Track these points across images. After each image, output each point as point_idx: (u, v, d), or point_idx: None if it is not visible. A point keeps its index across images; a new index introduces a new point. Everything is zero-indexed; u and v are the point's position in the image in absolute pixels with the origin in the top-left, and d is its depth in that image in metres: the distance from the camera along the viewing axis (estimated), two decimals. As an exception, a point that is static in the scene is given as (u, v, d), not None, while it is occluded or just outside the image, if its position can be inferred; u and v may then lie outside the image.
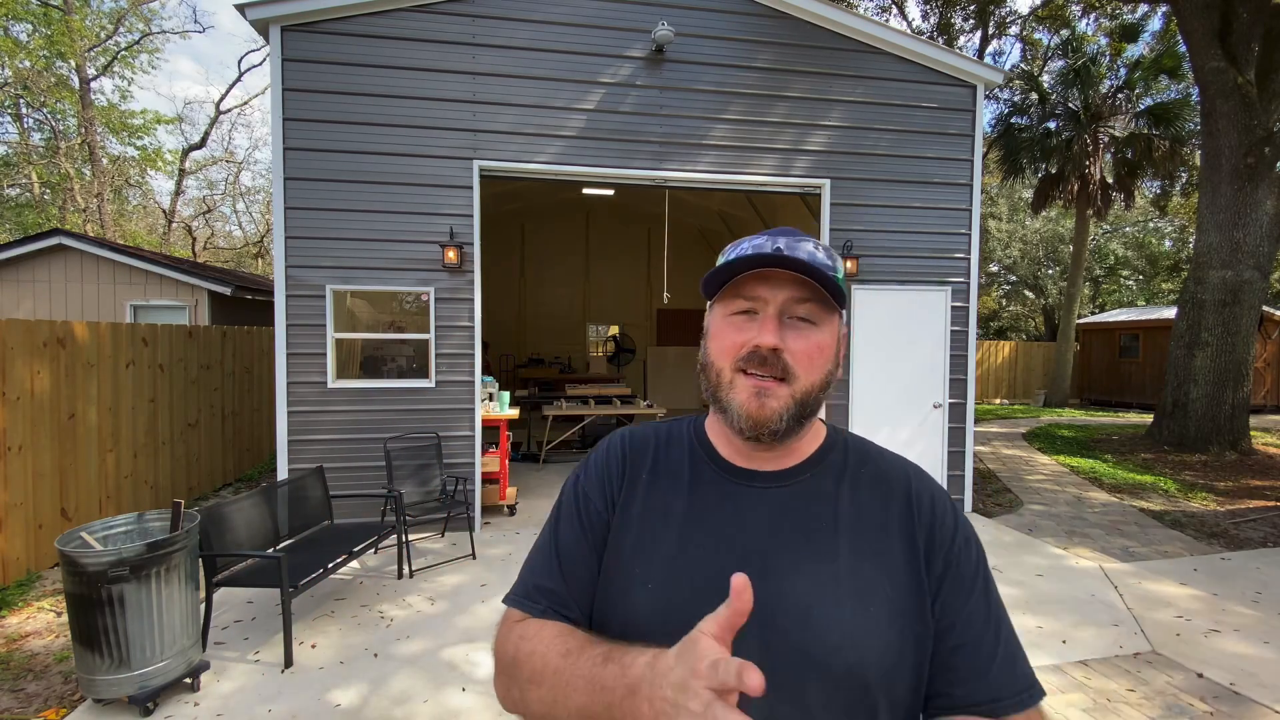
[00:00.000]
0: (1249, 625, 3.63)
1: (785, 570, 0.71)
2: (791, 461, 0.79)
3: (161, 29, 20.68)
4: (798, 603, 0.69)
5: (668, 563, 0.74)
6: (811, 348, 0.73)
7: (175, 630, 2.76)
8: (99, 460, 4.95)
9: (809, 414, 0.75)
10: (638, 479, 0.81)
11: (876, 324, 5.86)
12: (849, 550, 0.72)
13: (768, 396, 0.71)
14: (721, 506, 0.76)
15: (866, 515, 0.75)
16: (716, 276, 0.74)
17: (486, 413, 5.63)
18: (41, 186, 18.09)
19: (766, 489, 0.77)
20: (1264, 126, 8.43)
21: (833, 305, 0.74)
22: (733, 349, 0.73)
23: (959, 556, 0.74)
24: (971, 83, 5.93)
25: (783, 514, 0.75)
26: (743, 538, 0.73)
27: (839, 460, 0.80)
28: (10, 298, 8.38)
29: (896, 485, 0.78)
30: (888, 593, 0.70)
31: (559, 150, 5.35)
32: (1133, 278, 25.60)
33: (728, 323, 0.75)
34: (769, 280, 0.72)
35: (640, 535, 0.76)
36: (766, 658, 0.64)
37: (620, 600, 0.74)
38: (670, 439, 0.85)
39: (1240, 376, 8.67)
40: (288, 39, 4.96)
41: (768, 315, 0.72)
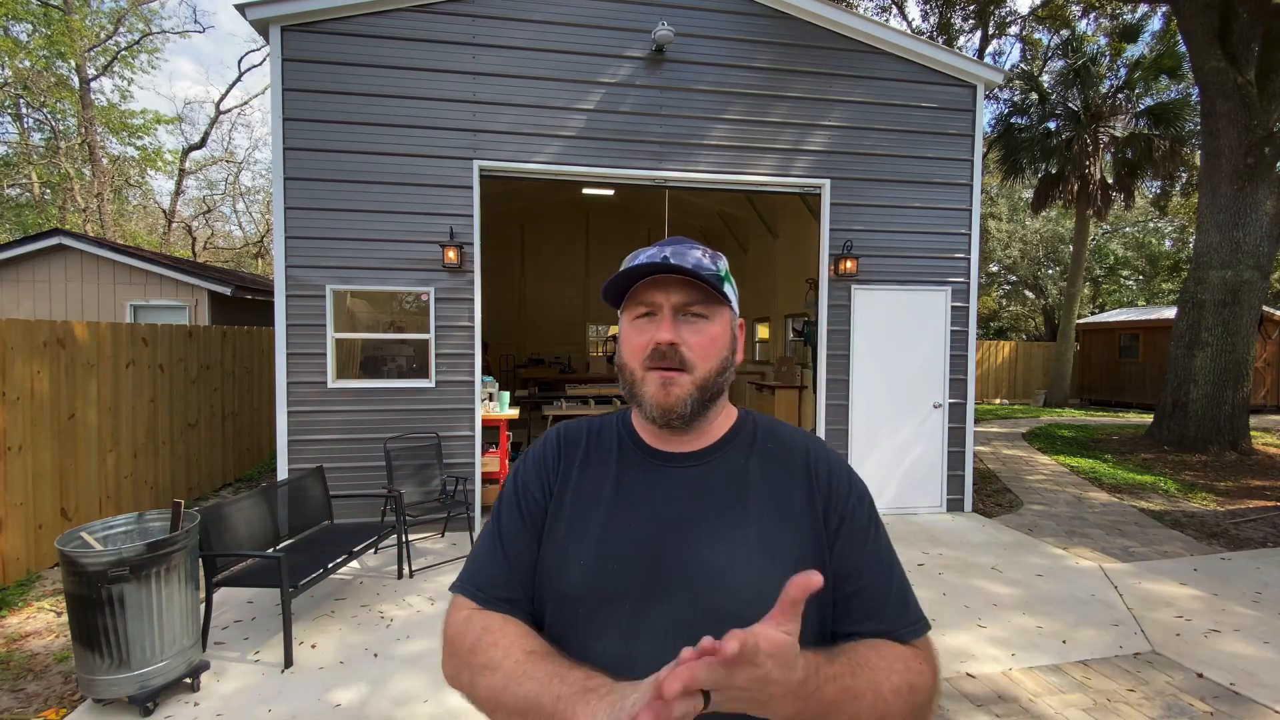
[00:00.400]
0: (1249, 625, 3.63)
1: (704, 538, 0.80)
2: (706, 442, 0.88)
3: (161, 29, 20.69)
4: (716, 565, 0.78)
5: (598, 541, 0.82)
6: (705, 340, 0.83)
7: (175, 630, 2.76)
8: (99, 460, 4.95)
9: (711, 397, 0.84)
10: (571, 468, 0.89)
11: (876, 324, 5.86)
12: (758, 515, 0.82)
13: (672, 385, 0.81)
14: (645, 486, 0.85)
15: (772, 483, 0.85)
16: (615, 285, 0.83)
17: (486, 413, 5.63)
18: (41, 186, 18.09)
19: (685, 468, 0.86)
20: (1264, 126, 8.43)
21: (720, 300, 0.84)
22: (639, 349, 0.83)
23: (852, 512, 0.85)
24: (971, 83, 5.93)
25: (699, 489, 0.84)
26: (664, 512, 0.82)
27: (748, 438, 0.90)
28: (10, 298, 8.38)
29: (797, 455, 0.88)
30: (793, 549, 0.80)
31: (559, 150, 5.35)
32: (1133, 278, 25.60)
33: (632, 327, 0.85)
34: (662, 285, 0.82)
35: (574, 518, 0.85)
36: (692, 615, 0.76)
37: (557, 576, 0.82)
38: (601, 430, 0.94)
39: (1240, 376, 8.67)
40: (288, 39, 4.96)
41: (664, 315, 0.82)
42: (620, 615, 0.78)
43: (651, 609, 0.77)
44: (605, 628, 0.78)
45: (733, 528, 0.80)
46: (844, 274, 5.73)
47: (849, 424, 5.85)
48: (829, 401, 5.84)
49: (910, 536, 5.26)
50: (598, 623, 0.78)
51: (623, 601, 0.78)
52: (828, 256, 5.77)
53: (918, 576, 4.33)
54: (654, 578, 0.78)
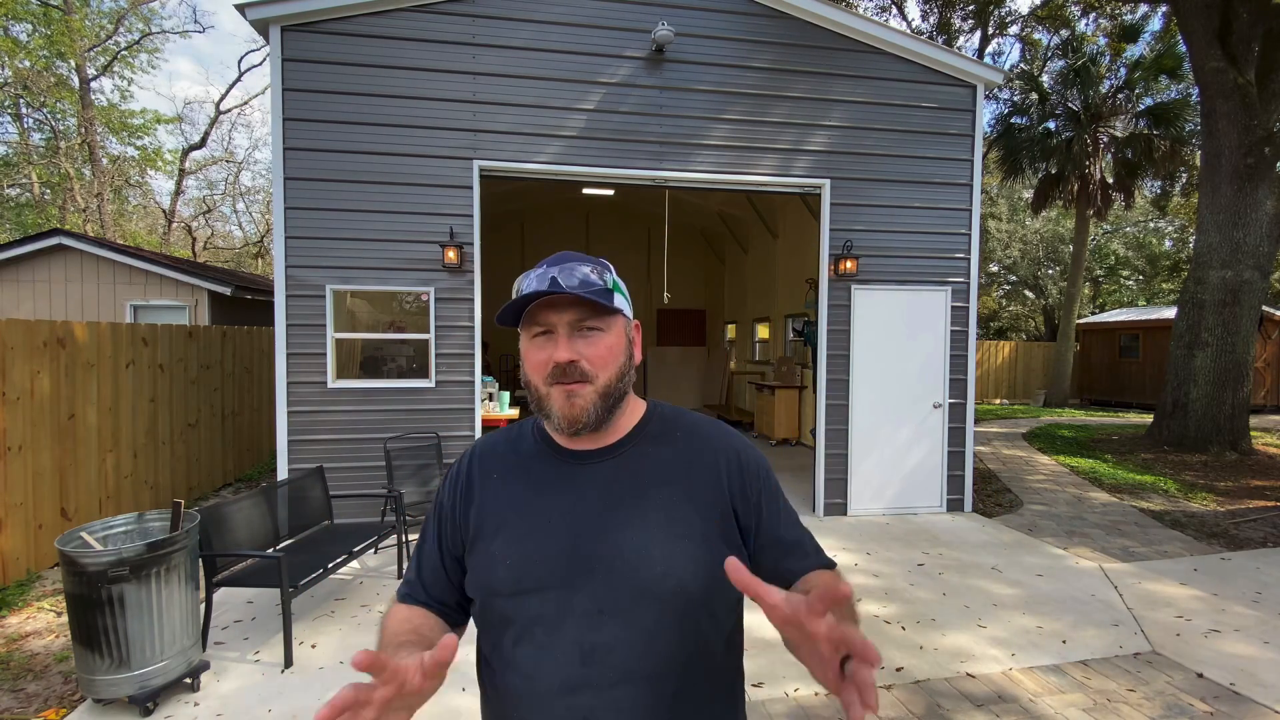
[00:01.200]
0: (1249, 625, 3.63)
1: (619, 525, 0.87)
2: (616, 438, 0.94)
3: (161, 29, 20.69)
4: (631, 548, 0.85)
5: (520, 540, 0.89)
6: (602, 350, 0.88)
7: (175, 630, 2.76)
8: (99, 460, 4.94)
9: (614, 403, 0.90)
10: (489, 479, 0.96)
11: (876, 324, 5.86)
12: (666, 498, 0.89)
13: (575, 397, 0.86)
14: (561, 485, 0.91)
15: (679, 468, 0.92)
16: (508, 312, 0.87)
17: (486, 413, 5.63)
18: (41, 186, 18.09)
19: (598, 464, 0.92)
20: (1264, 126, 8.43)
21: (611, 310, 0.89)
22: (541, 366, 0.88)
23: (764, 483, 0.95)
24: (971, 83, 5.93)
25: (612, 481, 0.90)
26: (580, 507, 0.89)
27: (654, 429, 0.96)
28: (10, 298, 8.38)
29: (705, 440, 0.96)
30: (700, 527, 0.88)
31: (559, 150, 5.35)
32: (1133, 278, 25.61)
33: (532, 345, 0.90)
34: (554, 306, 0.87)
35: (499, 525, 0.91)
36: (611, 594, 0.83)
37: (486, 577, 0.89)
38: (518, 438, 1.00)
39: (1240, 376, 8.66)
40: (288, 39, 4.96)
41: (559, 335, 0.87)
42: (546, 604, 0.84)
43: (574, 596, 0.84)
44: (534, 616, 0.85)
45: (644, 513, 0.87)
46: (844, 274, 5.73)
47: (849, 424, 5.85)
48: (829, 401, 5.84)
49: (910, 536, 5.26)
50: (527, 613, 0.85)
51: (546, 591, 0.85)
52: (828, 256, 5.77)
53: (918, 576, 4.33)
54: (574, 567, 0.85)
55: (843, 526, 5.54)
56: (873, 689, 0.55)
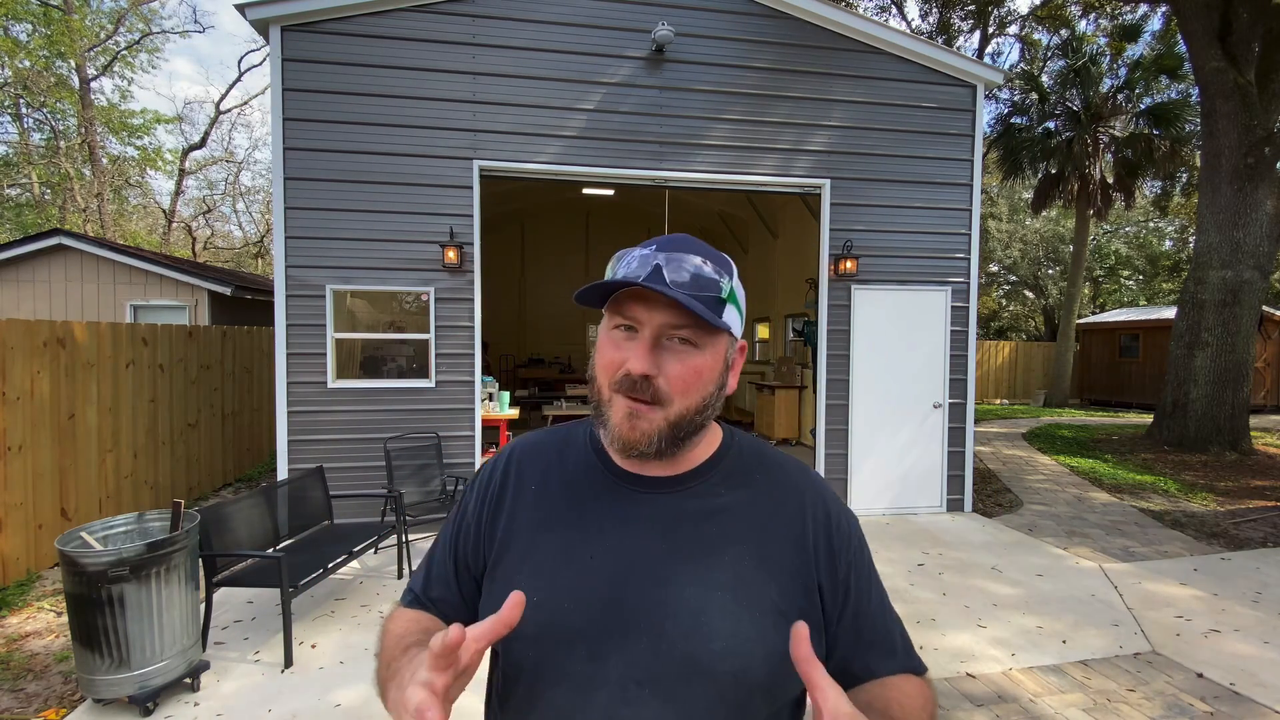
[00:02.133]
0: (1249, 625, 3.63)
1: (674, 578, 0.71)
2: (684, 467, 0.78)
3: (161, 29, 20.67)
4: (686, 609, 0.69)
5: (553, 573, 0.73)
6: (688, 372, 0.71)
7: (175, 630, 2.76)
8: (99, 460, 4.94)
9: (685, 435, 0.73)
10: (524, 491, 0.80)
11: (876, 324, 5.86)
12: (737, 555, 0.73)
13: (639, 419, 0.70)
14: (611, 514, 0.75)
15: (757, 520, 0.76)
16: (592, 292, 0.71)
17: (486, 413, 5.63)
18: (41, 186, 18.09)
19: (658, 494, 0.76)
20: (1264, 126, 8.43)
21: (713, 328, 0.71)
22: (611, 367, 0.72)
23: (857, 556, 0.79)
24: (971, 83, 5.93)
25: (674, 520, 0.74)
26: (631, 544, 0.73)
27: (732, 465, 0.80)
28: (10, 298, 8.37)
29: (789, 490, 0.80)
30: (774, 599, 0.71)
31: (559, 150, 5.35)
32: (1133, 278, 25.61)
33: (609, 338, 0.74)
34: (646, 301, 0.70)
35: (528, 548, 0.76)
36: (655, 665, 0.68)
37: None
38: (566, 445, 0.84)
39: (1240, 376, 8.66)
40: (288, 39, 4.96)
41: (642, 339, 0.70)
42: (574, 661, 0.69)
43: (610, 655, 0.69)
44: (558, 674, 0.70)
45: (707, 568, 0.72)
46: (844, 274, 5.73)
47: (849, 424, 5.84)
48: (829, 401, 5.84)
49: (910, 536, 5.26)
50: (550, 668, 0.70)
51: (576, 645, 0.69)
52: (828, 256, 5.77)
53: (918, 576, 4.33)
54: (614, 619, 0.69)
55: (843, 526, 5.54)
56: None
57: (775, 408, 9.61)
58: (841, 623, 0.76)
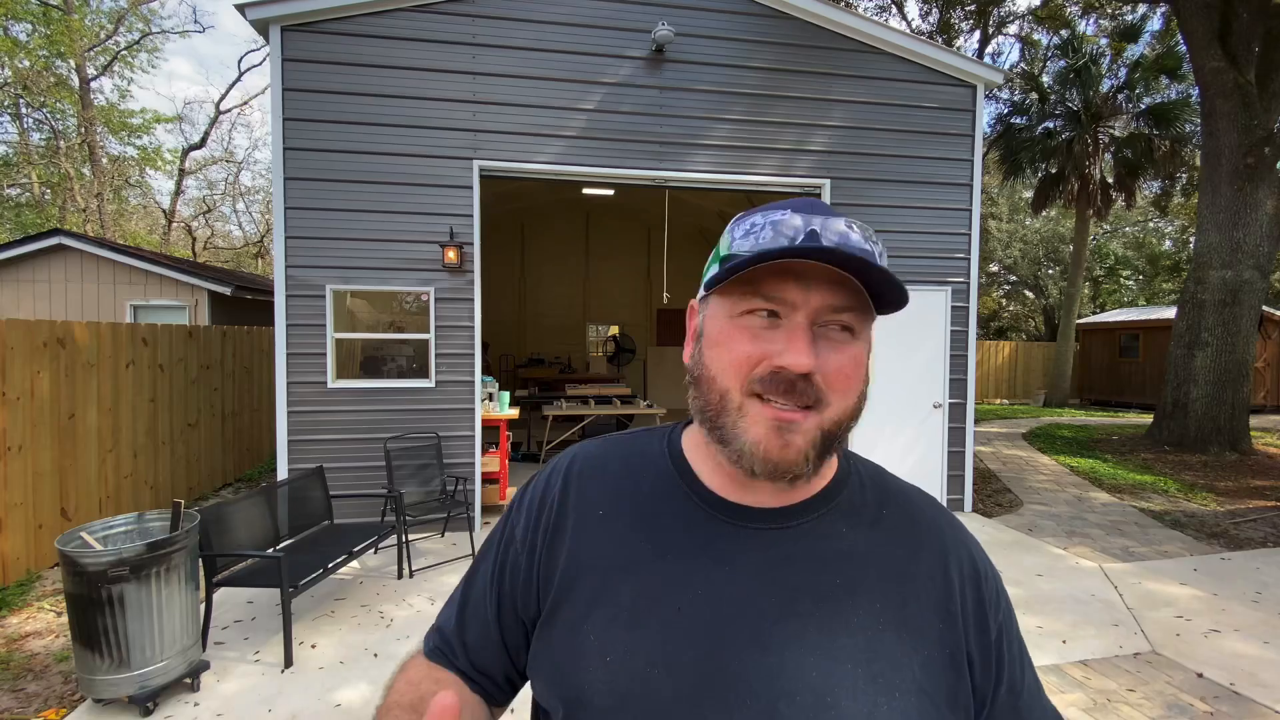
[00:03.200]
0: (1249, 625, 3.63)
1: (788, 642, 0.55)
2: (799, 496, 0.61)
3: (161, 29, 20.68)
4: (806, 686, 0.53)
5: (632, 627, 0.57)
6: (849, 365, 0.56)
7: (175, 630, 2.76)
8: (99, 460, 4.94)
9: (835, 448, 0.58)
10: (588, 516, 0.63)
11: (876, 324, 5.84)
12: (870, 617, 0.57)
13: (793, 433, 0.54)
14: (706, 553, 0.59)
15: (891, 572, 0.59)
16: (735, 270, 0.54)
17: (486, 413, 5.63)
18: (41, 186, 18.09)
19: (763, 530, 0.60)
20: (1264, 126, 8.43)
21: (872, 311, 0.59)
22: (745, 365, 0.55)
23: (1006, 621, 0.64)
24: (971, 83, 5.93)
25: (784, 565, 0.58)
26: (732, 594, 0.57)
27: (854, 496, 0.63)
28: (10, 298, 8.38)
29: (926, 530, 0.64)
30: (917, 674, 0.55)
31: (559, 150, 5.35)
32: (1133, 278, 25.61)
33: (738, 326, 0.56)
34: (802, 277, 0.54)
35: (597, 592, 0.59)
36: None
37: (569, 672, 0.58)
38: (639, 460, 0.66)
39: (1240, 377, 8.66)
40: (288, 39, 4.96)
41: (797, 325, 0.54)
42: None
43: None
44: None
45: (833, 632, 0.55)
46: (844, 274, 5.72)
47: (849, 424, 5.84)
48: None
49: (910, 536, 5.26)
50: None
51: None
52: (828, 256, 5.76)
53: (918, 576, 4.33)
54: (714, 693, 0.53)
55: (843, 526, 5.54)
56: None
57: (775, 408, 9.60)
58: (996, 703, 0.60)
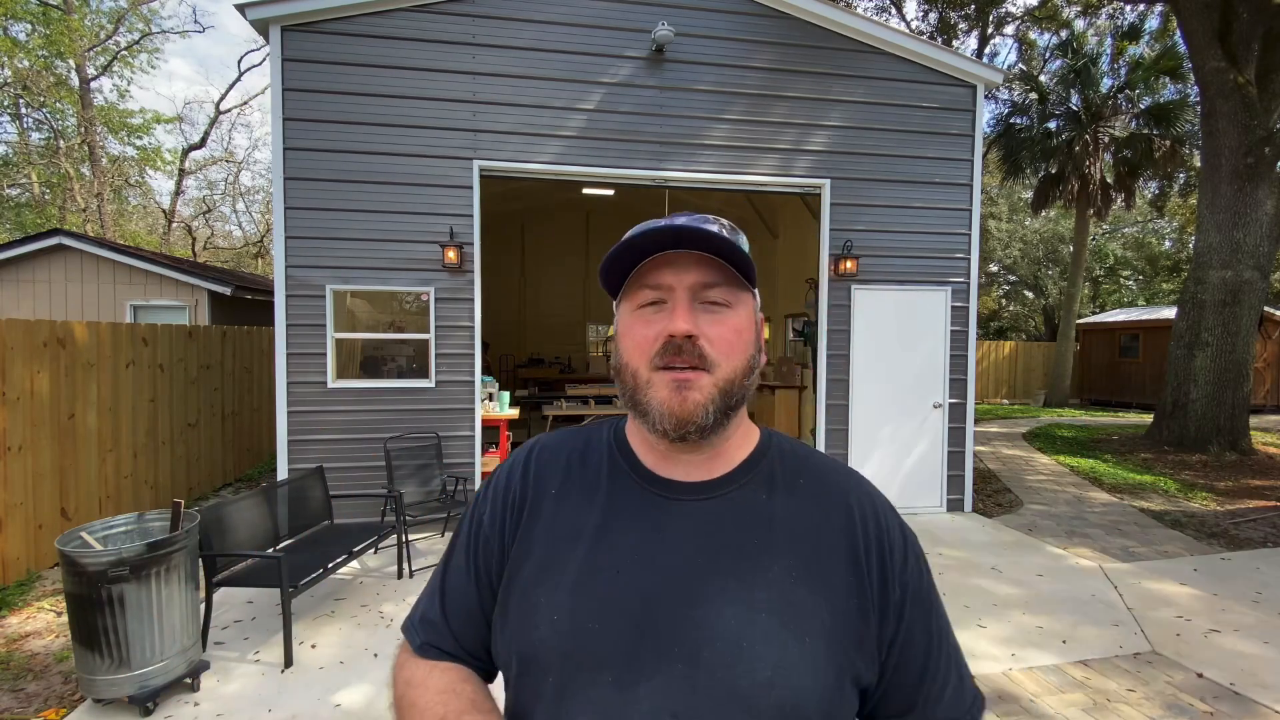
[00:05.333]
0: (1249, 625, 3.63)
1: (713, 596, 0.64)
2: (721, 469, 0.71)
3: (161, 29, 20.68)
4: (727, 632, 0.62)
5: (575, 590, 0.66)
6: (729, 332, 0.67)
7: (175, 630, 2.76)
8: (99, 460, 4.94)
9: (735, 405, 0.68)
10: (544, 496, 0.73)
11: (876, 324, 5.86)
12: (784, 571, 0.65)
13: (689, 389, 0.64)
14: (641, 523, 0.68)
15: (804, 531, 0.68)
16: (616, 265, 0.67)
17: (486, 413, 5.63)
18: (41, 186, 18.08)
19: (693, 501, 0.69)
20: (1264, 126, 8.43)
21: (745, 284, 0.70)
22: (645, 344, 0.66)
23: (914, 578, 0.70)
24: (971, 83, 5.93)
25: (711, 530, 0.67)
26: (664, 558, 0.66)
27: (773, 468, 0.73)
28: (10, 298, 8.37)
29: (837, 497, 0.71)
30: (826, 621, 0.64)
31: (559, 150, 5.35)
32: (1133, 278, 25.61)
33: (636, 318, 0.69)
34: (673, 264, 0.66)
35: (547, 560, 0.69)
36: (691, 696, 0.60)
37: (521, 632, 0.67)
38: (588, 447, 0.77)
39: (1240, 377, 8.66)
40: (288, 39, 4.96)
41: (678, 300, 0.66)
42: (599, 689, 0.62)
43: (640, 684, 0.61)
44: (580, 704, 0.62)
45: (751, 586, 0.64)
46: (844, 274, 5.73)
47: (849, 424, 5.84)
48: (829, 401, 5.84)
49: (910, 536, 5.26)
50: (570, 697, 0.63)
51: (602, 671, 0.62)
52: (828, 256, 5.77)
53: (918, 576, 4.32)
54: (646, 643, 0.62)
55: (843, 526, 5.54)
56: None
57: (775, 408, 9.61)
58: (888, 660, 0.68)
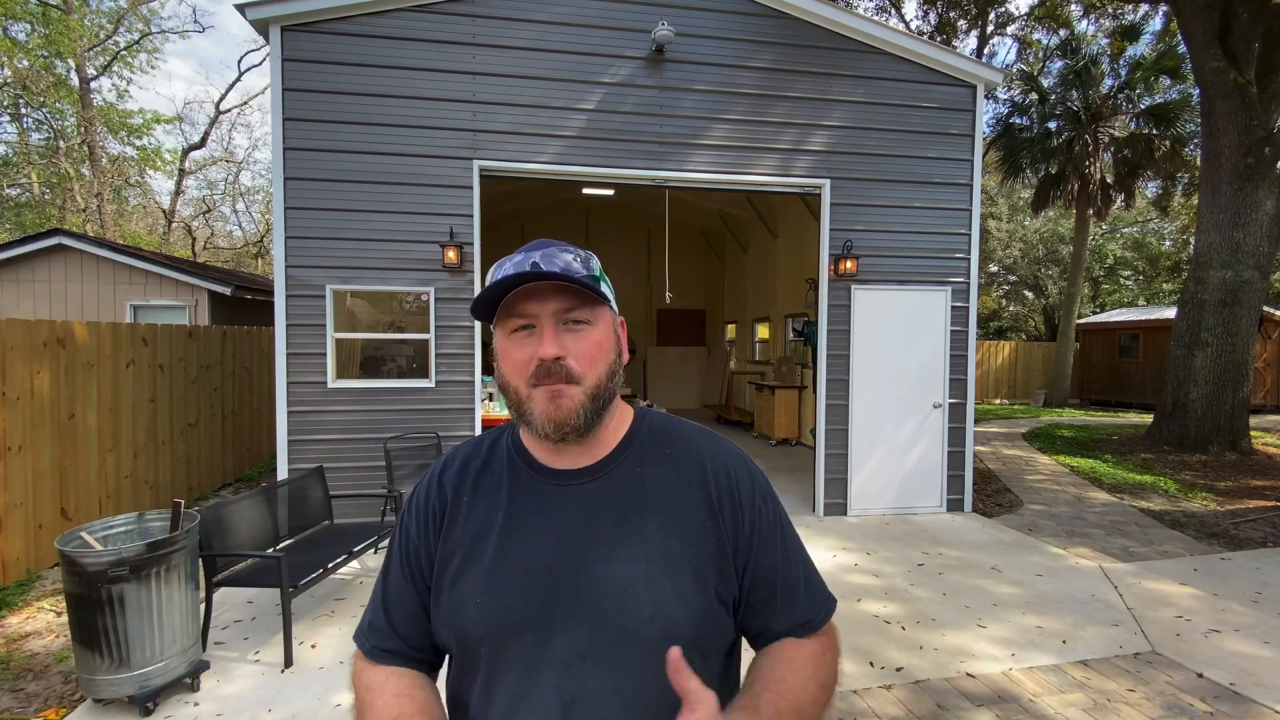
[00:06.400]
0: (1249, 625, 3.63)
1: (603, 557, 0.77)
2: (600, 454, 0.84)
3: (161, 29, 20.67)
4: (615, 584, 0.75)
5: (491, 574, 0.78)
6: (591, 347, 0.79)
7: (175, 630, 2.76)
8: (99, 460, 4.94)
9: (604, 405, 0.80)
10: (459, 502, 0.85)
11: (876, 324, 5.86)
12: (656, 528, 0.79)
13: (562, 398, 0.76)
14: (539, 509, 0.81)
15: (669, 492, 0.82)
16: (484, 301, 0.78)
17: (486, 413, 5.63)
18: (41, 186, 18.08)
19: (580, 485, 0.82)
20: (1264, 126, 8.43)
21: (599, 301, 0.80)
22: (521, 366, 0.78)
23: (759, 515, 0.84)
24: (971, 83, 5.93)
25: (595, 505, 0.80)
26: (561, 536, 0.79)
27: (642, 445, 0.86)
28: (10, 298, 8.37)
29: (693, 460, 0.85)
30: (693, 561, 0.78)
31: (559, 150, 5.35)
32: (1133, 278, 25.60)
33: (511, 342, 0.79)
34: (535, 295, 0.77)
35: (467, 555, 0.81)
36: (595, 639, 0.74)
37: (456, 618, 0.79)
38: (490, 452, 0.89)
39: (1240, 377, 8.66)
40: (288, 39, 4.96)
41: (544, 327, 0.77)
42: (522, 647, 0.75)
43: (553, 639, 0.75)
44: (510, 661, 0.76)
45: (631, 545, 0.78)
46: (844, 274, 5.73)
47: (849, 424, 5.84)
48: (829, 401, 5.84)
49: (910, 536, 5.26)
50: (500, 660, 0.76)
51: (522, 633, 0.75)
52: (828, 256, 5.77)
53: (918, 576, 4.33)
54: (553, 605, 0.75)
55: (843, 526, 5.54)
56: None
57: (775, 408, 9.61)
58: (744, 580, 0.82)
